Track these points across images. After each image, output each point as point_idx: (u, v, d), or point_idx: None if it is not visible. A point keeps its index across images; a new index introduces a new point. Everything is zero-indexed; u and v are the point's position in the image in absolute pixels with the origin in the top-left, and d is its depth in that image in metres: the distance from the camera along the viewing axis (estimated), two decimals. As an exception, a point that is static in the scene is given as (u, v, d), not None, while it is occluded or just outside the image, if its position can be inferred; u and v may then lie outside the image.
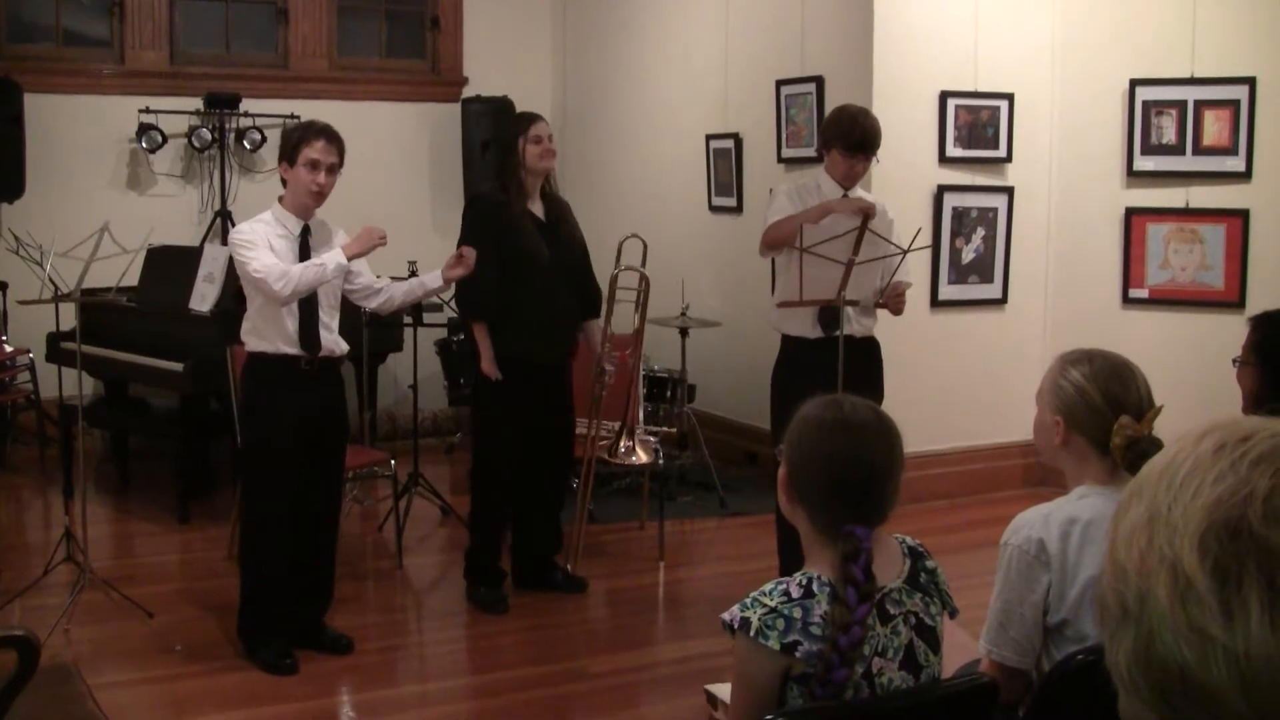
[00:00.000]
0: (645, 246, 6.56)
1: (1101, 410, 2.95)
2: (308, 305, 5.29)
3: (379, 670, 5.47)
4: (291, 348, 5.29)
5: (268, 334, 5.28)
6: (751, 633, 2.55)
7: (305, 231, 5.34)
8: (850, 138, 5.74)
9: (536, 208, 6.08)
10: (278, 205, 5.37)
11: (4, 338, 8.57)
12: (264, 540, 5.36)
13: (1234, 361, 4.13)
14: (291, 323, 5.28)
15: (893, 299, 5.82)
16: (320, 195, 5.31)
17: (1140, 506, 1.15)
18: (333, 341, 5.41)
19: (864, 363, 5.78)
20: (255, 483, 5.41)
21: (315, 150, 5.24)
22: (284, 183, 5.37)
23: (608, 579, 6.54)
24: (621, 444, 6.44)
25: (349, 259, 5.31)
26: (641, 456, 6.53)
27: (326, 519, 5.59)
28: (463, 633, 5.96)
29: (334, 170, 5.31)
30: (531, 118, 6.11)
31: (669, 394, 8.01)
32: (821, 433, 2.68)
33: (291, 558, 5.43)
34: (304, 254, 5.30)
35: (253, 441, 5.37)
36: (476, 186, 9.89)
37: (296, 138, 5.28)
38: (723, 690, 3.01)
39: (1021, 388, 7.64)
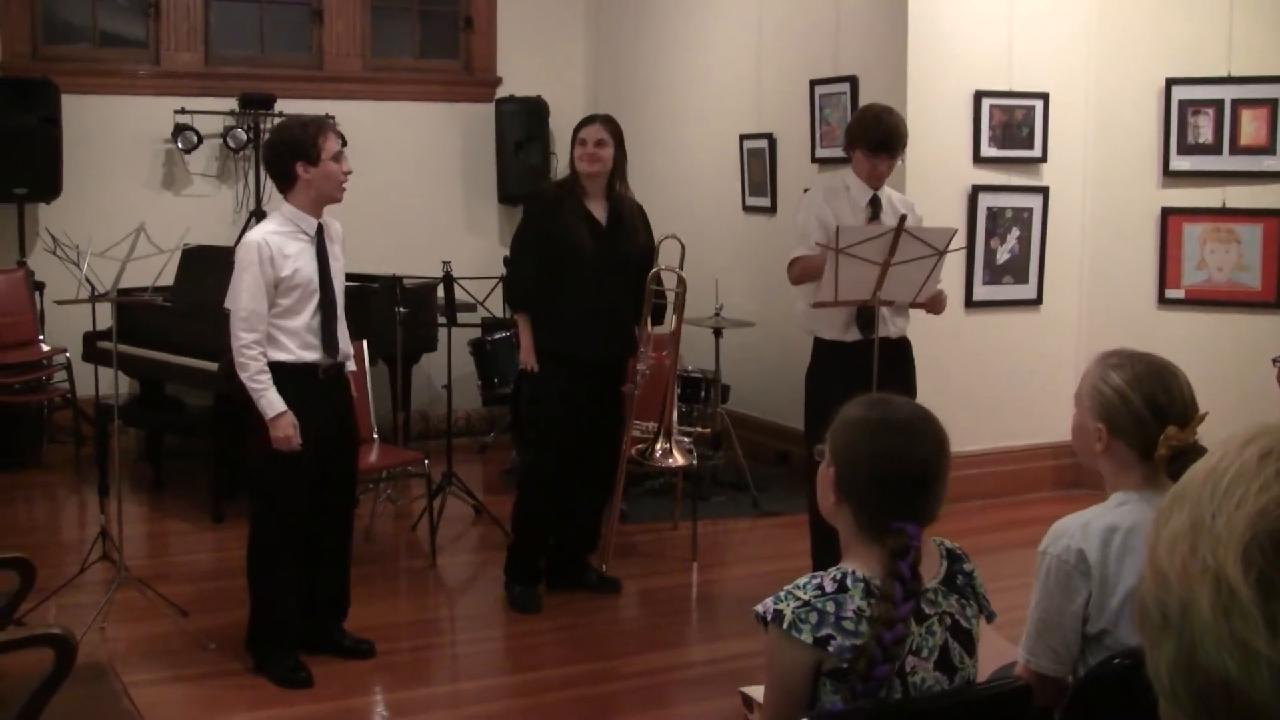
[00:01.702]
0: (683, 247, 6.54)
1: (1144, 418, 2.89)
2: (329, 307, 5.23)
3: (412, 669, 5.48)
4: (312, 353, 5.19)
5: (286, 342, 5.15)
6: (784, 625, 2.55)
7: (320, 231, 5.24)
8: (872, 137, 5.74)
9: (597, 207, 6.08)
10: (289, 207, 5.21)
11: (41, 337, 8.63)
12: (278, 552, 5.27)
13: (1274, 361, 4.10)
14: (314, 326, 5.20)
15: (935, 304, 5.83)
16: (345, 186, 5.29)
17: (1183, 514, 1.14)
18: (346, 344, 5.38)
19: (897, 363, 5.78)
20: (271, 494, 5.26)
21: (335, 142, 5.22)
22: (286, 185, 5.22)
23: (640, 579, 6.54)
24: (658, 446, 6.43)
25: (274, 420, 5.10)
26: (678, 459, 6.52)
27: (340, 526, 5.52)
28: (496, 632, 5.96)
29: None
30: (588, 120, 6.19)
31: (702, 394, 8.00)
32: (869, 432, 2.69)
33: (306, 566, 5.38)
34: (321, 255, 5.22)
35: (270, 452, 5.15)
36: (509, 186, 9.94)
37: (311, 134, 5.15)
38: (758, 692, 3.00)
39: (1056, 389, 7.63)
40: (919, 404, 2.82)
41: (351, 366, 5.54)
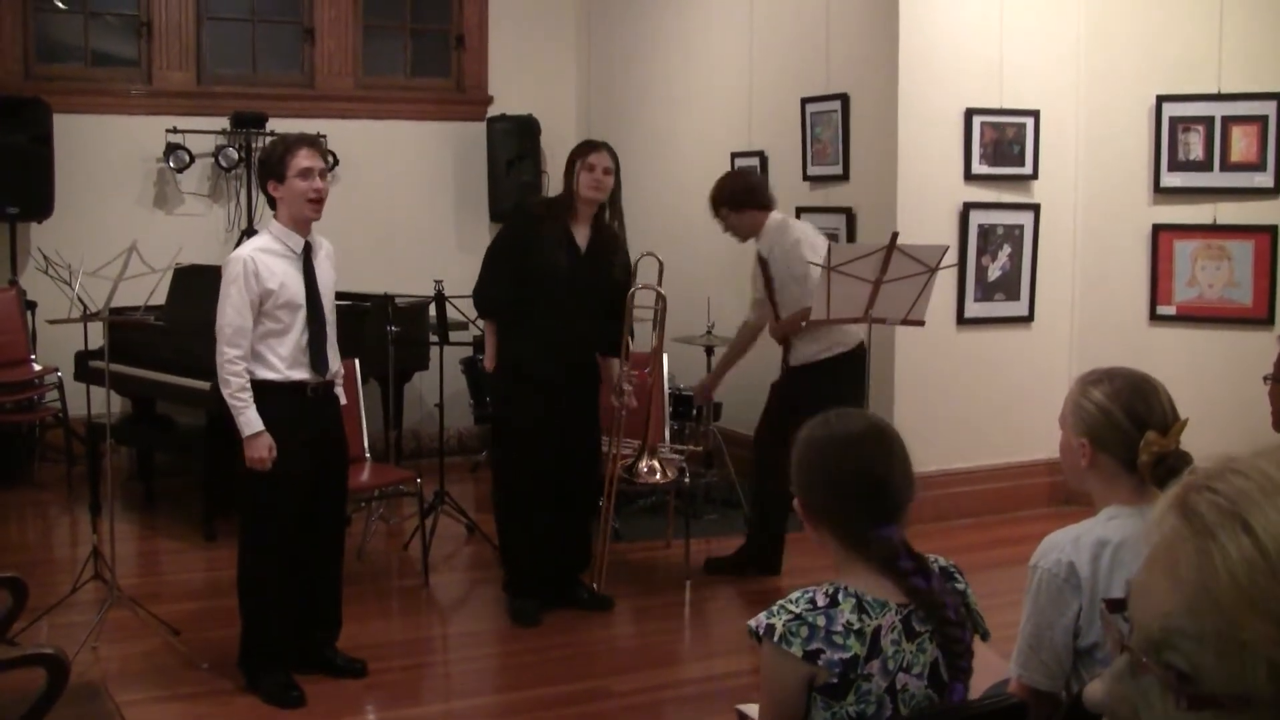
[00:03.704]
0: (661, 265, 6.56)
1: (1126, 429, 2.93)
2: (317, 325, 5.23)
3: (404, 688, 5.47)
4: (301, 372, 5.20)
5: (274, 361, 5.15)
6: (776, 638, 2.58)
7: (307, 249, 5.23)
8: None
9: (580, 232, 6.10)
10: (276, 225, 5.23)
11: (33, 356, 8.62)
12: (268, 570, 5.25)
13: (1265, 379, 4.10)
14: (302, 345, 5.19)
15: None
16: (320, 202, 5.19)
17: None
18: (336, 362, 5.37)
19: (803, 386, 6.44)
20: (261, 512, 5.23)
21: (304, 159, 5.14)
22: (273, 203, 5.24)
23: (634, 597, 6.53)
24: (643, 464, 6.42)
25: (250, 440, 5.10)
26: (667, 475, 6.52)
27: (331, 544, 5.50)
28: (489, 651, 5.95)
29: (324, 175, 5.24)
30: (593, 146, 6.18)
31: (694, 412, 8.00)
32: (816, 454, 2.72)
33: (297, 584, 5.35)
34: (308, 272, 5.22)
35: (257, 472, 5.14)
36: (501, 205, 9.93)
37: (280, 153, 5.15)
38: (754, 710, 3.00)
39: (1048, 406, 7.59)
40: (863, 412, 2.91)
41: (342, 400, 5.53)
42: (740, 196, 6.59)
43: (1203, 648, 1.18)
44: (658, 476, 6.52)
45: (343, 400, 5.54)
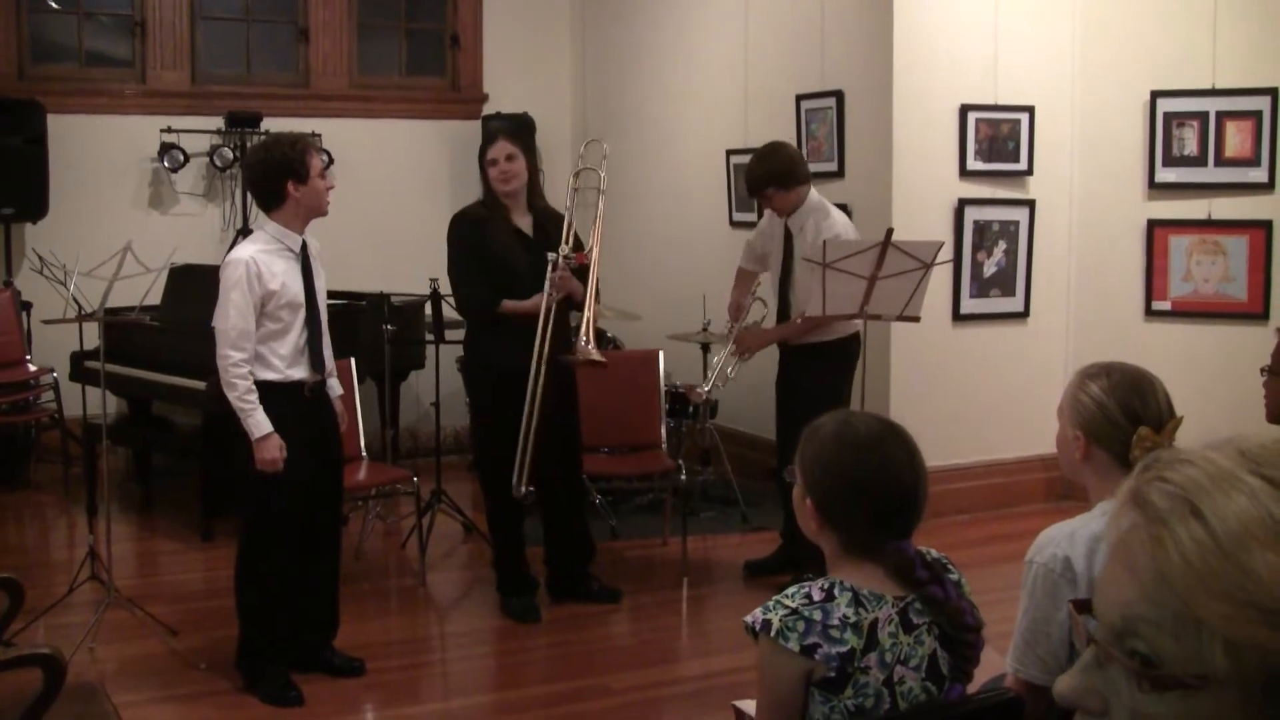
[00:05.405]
0: (605, 151, 6.53)
1: (1121, 424, 2.93)
2: (315, 324, 5.25)
3: (402, 688, 5.47)
4: (299, 371, 5.21)
5: (275, 361, 5.16)
6: (772, 634, 2.57)
7: (304, 247, 5.25)
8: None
9: (523, 221, 6.11)
10: (274, 225, 5.21)
11: (28, 357, 8.61)
12: (266, 569, 5.25)
13: (1262, 371, 4.11)
14: (301, 345, 5.21)
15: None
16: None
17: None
18: (331, 361, 5.38)
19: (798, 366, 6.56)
20: (260, 511, 5.22)
21: (320, 160, 5.25)
22: (270, 203, 5.22)
23: (631, 595, 6.52)
24: (582, 340, 6.12)
25: (260, 442, 5.09)
26: (595, 355, 6.17)
27: (329, 543, 5.51)
28: (486, 649, 5.96)
29: None
30: (491, 139, 6.21)
31: (690, 410, 8.00)
32: (840, 458, 2.69)
33: (295, 584, 5.34)
34: (306, 270, 5.23)
35: (261, 473, 5.12)
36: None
37: (299, 152, 5.16)
38: (751, 706, 3.00)
39: (1044, 401, 7.62)
40: (880, 416, 2.84)
41: (338, 390, 5.52)
42: (790, 175, 6.40)
43: (1161, 631, 1.21)
44: (595, 355, 6.20)
45: (340, 390, 5.54)
